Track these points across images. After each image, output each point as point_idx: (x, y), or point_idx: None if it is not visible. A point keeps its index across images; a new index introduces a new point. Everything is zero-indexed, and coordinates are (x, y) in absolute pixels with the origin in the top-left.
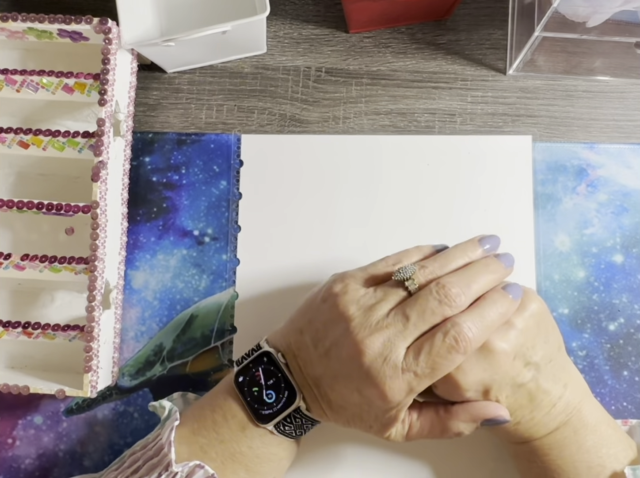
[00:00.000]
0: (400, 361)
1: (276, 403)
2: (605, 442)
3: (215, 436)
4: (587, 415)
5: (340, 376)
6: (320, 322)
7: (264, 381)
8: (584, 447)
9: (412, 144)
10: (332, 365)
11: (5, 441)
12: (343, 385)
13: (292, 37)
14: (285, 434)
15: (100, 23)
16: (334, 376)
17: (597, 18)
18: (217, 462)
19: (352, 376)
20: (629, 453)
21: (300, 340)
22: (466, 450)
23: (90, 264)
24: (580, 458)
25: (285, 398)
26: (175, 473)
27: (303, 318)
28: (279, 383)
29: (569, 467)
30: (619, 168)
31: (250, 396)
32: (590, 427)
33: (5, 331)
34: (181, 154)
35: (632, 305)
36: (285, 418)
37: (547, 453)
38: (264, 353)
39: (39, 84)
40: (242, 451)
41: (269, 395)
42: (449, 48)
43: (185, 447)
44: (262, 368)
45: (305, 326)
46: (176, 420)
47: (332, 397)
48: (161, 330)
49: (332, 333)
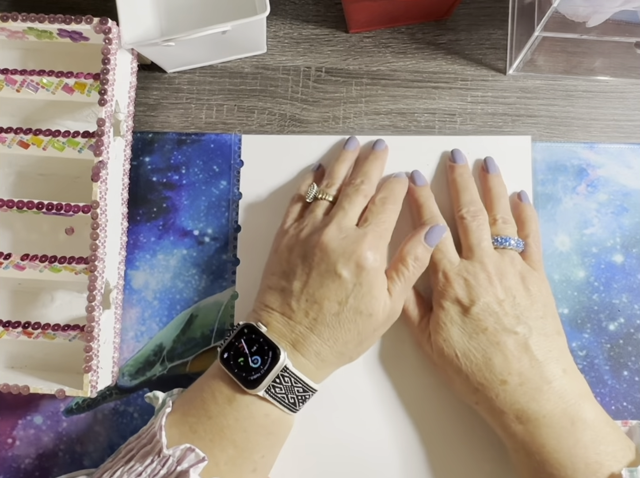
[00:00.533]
0: (355, 228)
1: (262, 365)
2: (604, 440)
3: (204, 413)
4: (586, 411)
5: (326, 281)
6: (281, 264)
7: (247, 350)
8: (582, 441)
9: (412, 144)
10: (314, 282)
11: (5, 441)
12: (332, 291)
13: (292, 37)
14: (278, 399)
15: (100, 23)
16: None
17: (597, 18)
18: (206, 439)
19: (331, 271)
20: (627, 454)
21: (277, 293)
22: (463, 452)
23: (90, 264)
24: (577, 453)
25: (270, 358)
26: (167, 457)
27: (268, 276)
28: (262, 348)
29: (566, 462)
30: (619, 168)
31: (237, 367)
32: (589, 421)
33: (5, 331)
34: (181, 154)
35: (632, 305)
36: (274, 379)
37: (545, 443)
38: (244, 326)
39: (39, 84)
40: (229, 424)
41: (255, 360)
42: (449, 48)
43: (176, 429)
44: (244, 339)
45: (274, 279)
46: (169, 407)
47: (328, 321)
48: (161, 329)
49: (295, 260)
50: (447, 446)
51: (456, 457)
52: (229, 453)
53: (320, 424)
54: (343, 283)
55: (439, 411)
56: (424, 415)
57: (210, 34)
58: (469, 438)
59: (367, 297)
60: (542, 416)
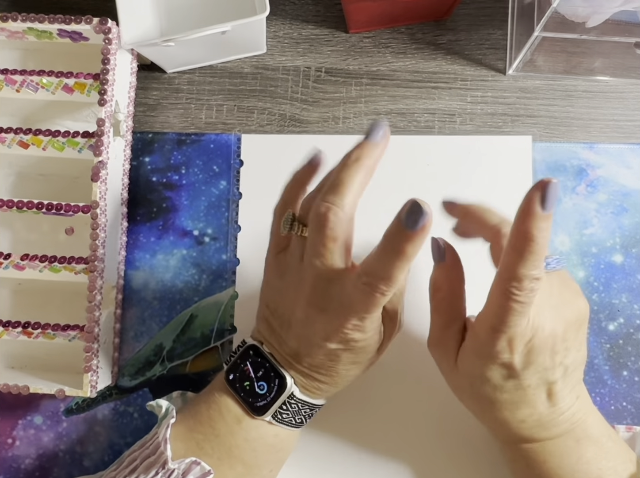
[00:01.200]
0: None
1: (269, 393)
2: (606, 455)
3: (211, 431)
4: (591, 427)
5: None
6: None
7: (253, 374)
8: (584, 457)
9: (412, 144)
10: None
11: (5, 441)
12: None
13: (292, 37)
14: (285, 423)
15: (100, 23)
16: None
17: (597, 18)
18: (214, 457)
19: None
20: (629, 467)
21: (266, 325)
22: (463, 455)
23: (90, 264)
24: (579, 468)
25: (277, 386)
26: (172, 471)
27: (260, 305)
28: (268, 373)
29: (567, 477)
30: (619, 168)
31: (243, 391)
32: (593, 438)
33: (5, 331)
34: (181, 154)
35: (631, 305)
36: (280, 406)
37: (547, 460)
38: (250, 347)
39: (38, 84)
40: (238, 444)
41: (261, 386)
42: (448, 48)
43: (182, 444)
44: (249, 361)
45: (263, 312)
46: (172, 418)
47: (315, 361)
48: (161, 329)
49: (281, 303)
50: (448, 447)
51: (457, 459)
52: (237, 471)
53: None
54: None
55: (440, 414)
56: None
57: (210, 34)
58: (469, 440)
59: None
60: (548, 439)
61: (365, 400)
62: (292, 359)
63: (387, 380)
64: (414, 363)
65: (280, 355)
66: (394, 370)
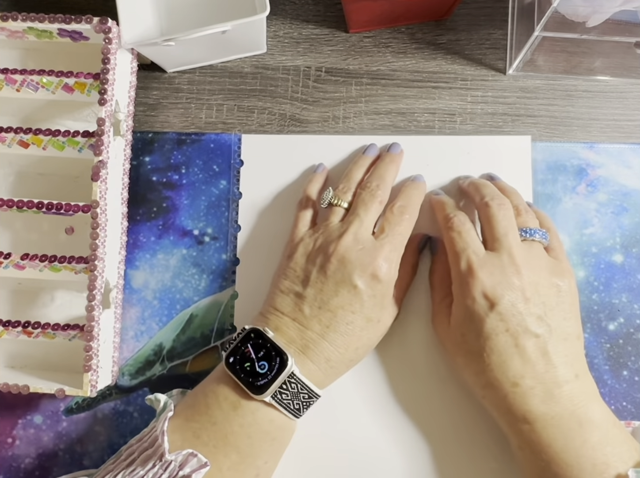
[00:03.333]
0: (371, 239)
1: (269, 371)
2: (611, 441)
3: (208, 419)
4: (594, 412)
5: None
6: (295, 270)
7: (254, 355)
8: (589, 442)
9: (412, 144)
10: (329, 290)
11: (5, 440)
12: (347, 300)
13: (292, 37)
14: (283, 404)
15: (100, 23)
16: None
17: (597, 18)
18: (210, 445)
19: (347, 282)
20: (634, 455)
21: (288, 298)
22: (468, 450)
23: (90, 263)
24: (584, 453)
25: (278, 364)
26: (169, 462)
27: (280, 280)
28: (269, 353)
29: (573, 462)
30: (619, 168)
31: (244, 372)
32: (597, 423)
33: (5, 330)
34: (181, 154)
35: (631, 304)
36: (280, 386)
37: (551, 444)
38: (251, 331)
39: (39, 84)
40: (233, 430)
41: (262, 365)
42: (448, 48)
43: (179, 435)
44: (250, 343)
45: (287, 283)
46: (170, 411)
47: (341, 329)
48: (161, 329)
49: (310, 267)
50: (452, 444)
51: (461, 455)
52: (232, 459)
53: (321, 426)
54: (358, 293)
55: (442, 410)
56: (427, 412)
57: (210, 33)
58: (473, 436)
59: (378, 307)
60: (550, 417)
61: (365, 400)
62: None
63: (387, 380)
64: (414, 363)
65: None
66: (394, 369)
